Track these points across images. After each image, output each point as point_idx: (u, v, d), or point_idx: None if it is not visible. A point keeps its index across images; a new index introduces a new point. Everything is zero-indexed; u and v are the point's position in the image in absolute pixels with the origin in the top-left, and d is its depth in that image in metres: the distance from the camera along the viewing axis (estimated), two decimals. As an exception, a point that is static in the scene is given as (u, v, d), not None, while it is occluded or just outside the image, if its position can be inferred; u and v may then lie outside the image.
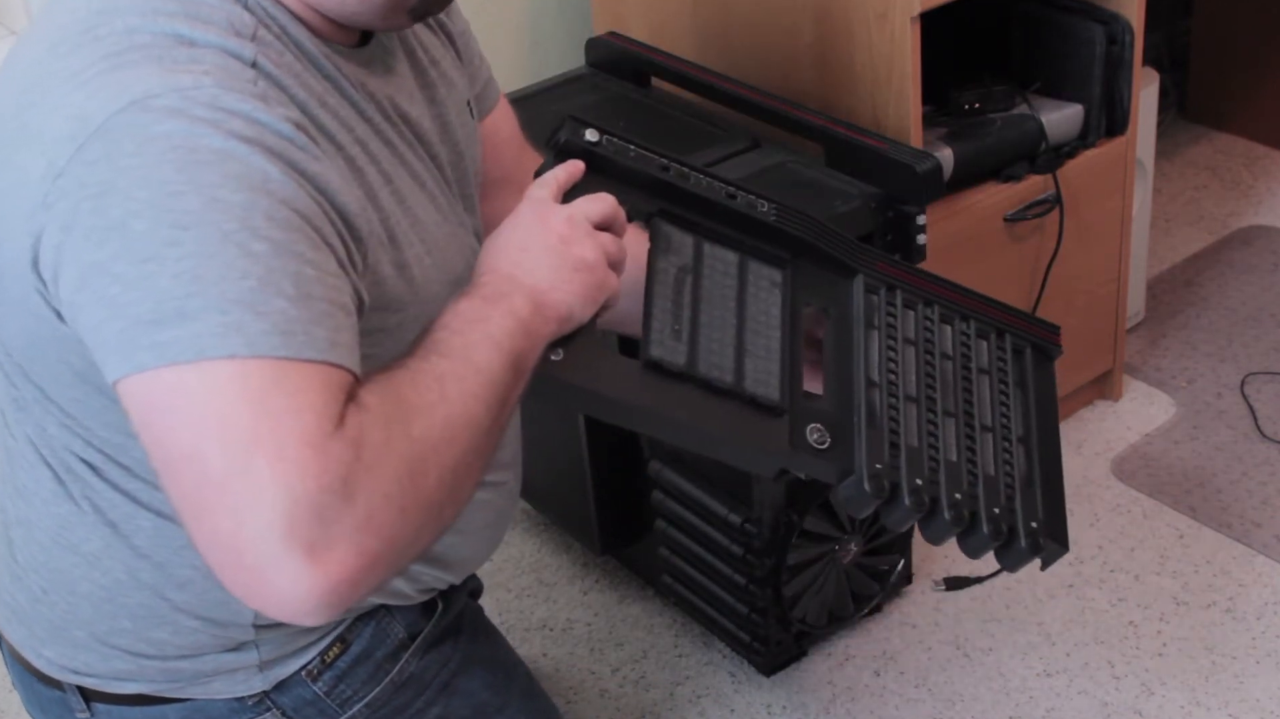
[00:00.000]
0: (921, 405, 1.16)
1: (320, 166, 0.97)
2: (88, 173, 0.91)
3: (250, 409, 0.85)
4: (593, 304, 1.04)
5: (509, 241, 1.05)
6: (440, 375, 0.94)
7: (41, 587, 1.17)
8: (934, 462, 1.14)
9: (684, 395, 1.06)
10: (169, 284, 0.87)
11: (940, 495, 1.12)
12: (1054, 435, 1.25)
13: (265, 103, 0.95)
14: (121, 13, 0.98)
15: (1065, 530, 1.21)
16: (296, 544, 0.83)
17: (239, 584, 0.86)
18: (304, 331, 0.88)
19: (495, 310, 0.99)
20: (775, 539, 1.81)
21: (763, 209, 1.17)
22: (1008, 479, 1.18)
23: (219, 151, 0.91)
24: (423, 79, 1.20)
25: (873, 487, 1.09)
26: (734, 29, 2.13)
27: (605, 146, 1.13)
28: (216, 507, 0.84)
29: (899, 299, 1.22)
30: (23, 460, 1.14)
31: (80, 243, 0.91)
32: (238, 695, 1.20)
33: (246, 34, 1.00)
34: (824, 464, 1.10)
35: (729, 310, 1.12)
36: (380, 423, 0.89)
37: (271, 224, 0.90)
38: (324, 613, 0.86)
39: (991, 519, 1.14)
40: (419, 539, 0.92)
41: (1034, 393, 1.26)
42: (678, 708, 1.94)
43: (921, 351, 1.20)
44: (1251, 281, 2.68)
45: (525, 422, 1.37)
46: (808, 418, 1.11)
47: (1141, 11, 2.09)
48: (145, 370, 0.87)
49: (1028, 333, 1.29)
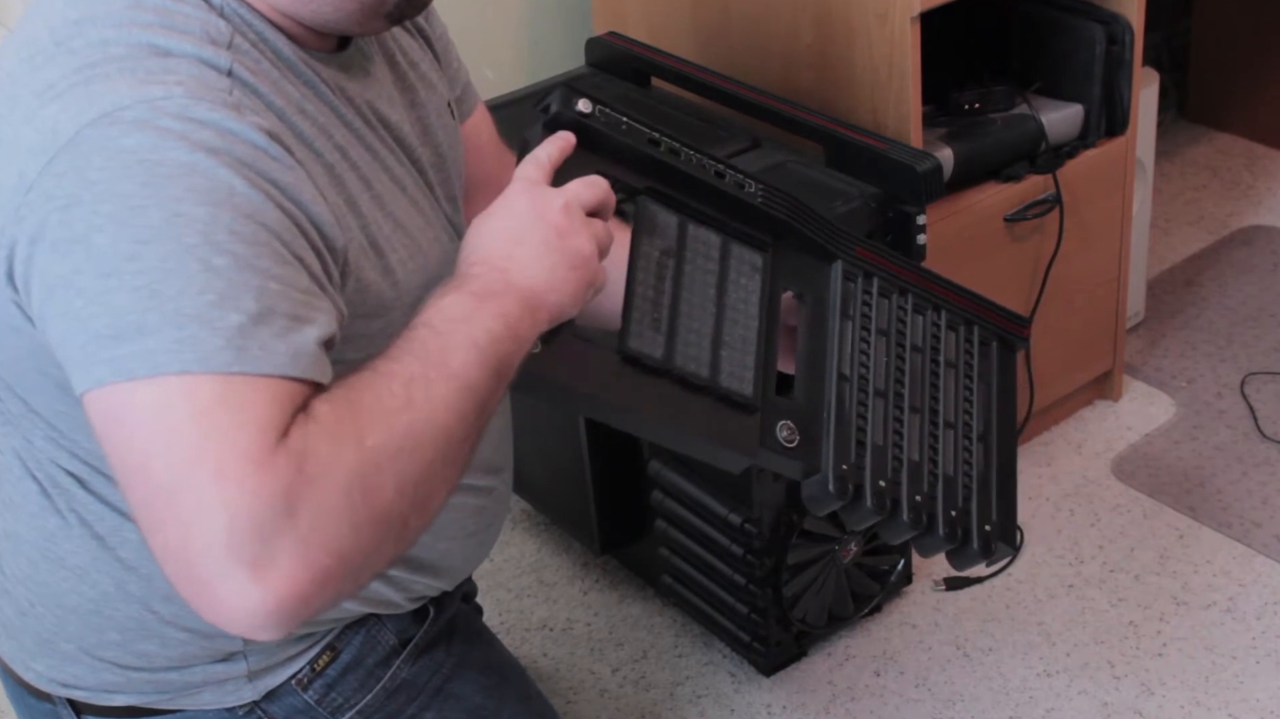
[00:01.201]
0: (889, 400, 1.18)
1: (293, 176, 0.96)
2: (55, 185, 0.91)
3: (195, 424, 0.84)
4: (583, 300, 1.02)
5: (503, 230, 1.01)
6: (409, 379, 0.91)
7: (29, 600, 1.17)
8: (897, 461, 1.15)
9: (659, 391, 1.06)
10: (127, 299, 0.87)
11: (901, 498, 1.14)
12: (1011, 432, 1.26)
13: (239, 111, 0.95)
14: (96, 24, 0.97)
15: (1014, 531, 1.24)
16: (239, 560, 0.82)
17: (191, 597, 0.85)
18: (261, 346, 0.87)
19: (483, 310, 0.96)
20: (775, 539, 1.81)
21: (749, 189, 1.16)
22: (965, 480, 1.20)
23: (184, 164, 0.90)
24: (402, 82, 1.19)
25: (836, 488, 1.10)
26: (734, 29, 2.13)
27: (598, 118, 1.09)
28: (166, 520, 0.84)
29: (875, 287, 1.22)
30: (9, 474, 1.14)
31: (47, 256, 0.91)
32: (227, 706, 1.19)
33: (222, 42, 0.99)
34: (791, 462, 1.11)
35: (708, 298, 1.12)
36: (329, 434, 0.86)
37: (235, 238, 0.89)
38: (277, 627, 0.85)
39: (948, 522, 1.17)
40: (380, 552, 0.89)
41: (995, 388, 1.27)
42: (678, 708, 1.94)
43: (893, 343, 1.21)
44: (1251, 281, 2.68)
45: (524, 421, 1.37)
46: (778, 414, 1.11)
47: (1141, 11, 2.09)
48: (104, 385, 0.86)
49: (996, 325, 1.30)
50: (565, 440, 1.97)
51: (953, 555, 1.20)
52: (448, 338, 0.94)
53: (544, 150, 1.06)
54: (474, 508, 1.27)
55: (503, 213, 1.02)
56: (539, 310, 0.99)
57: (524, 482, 2.00)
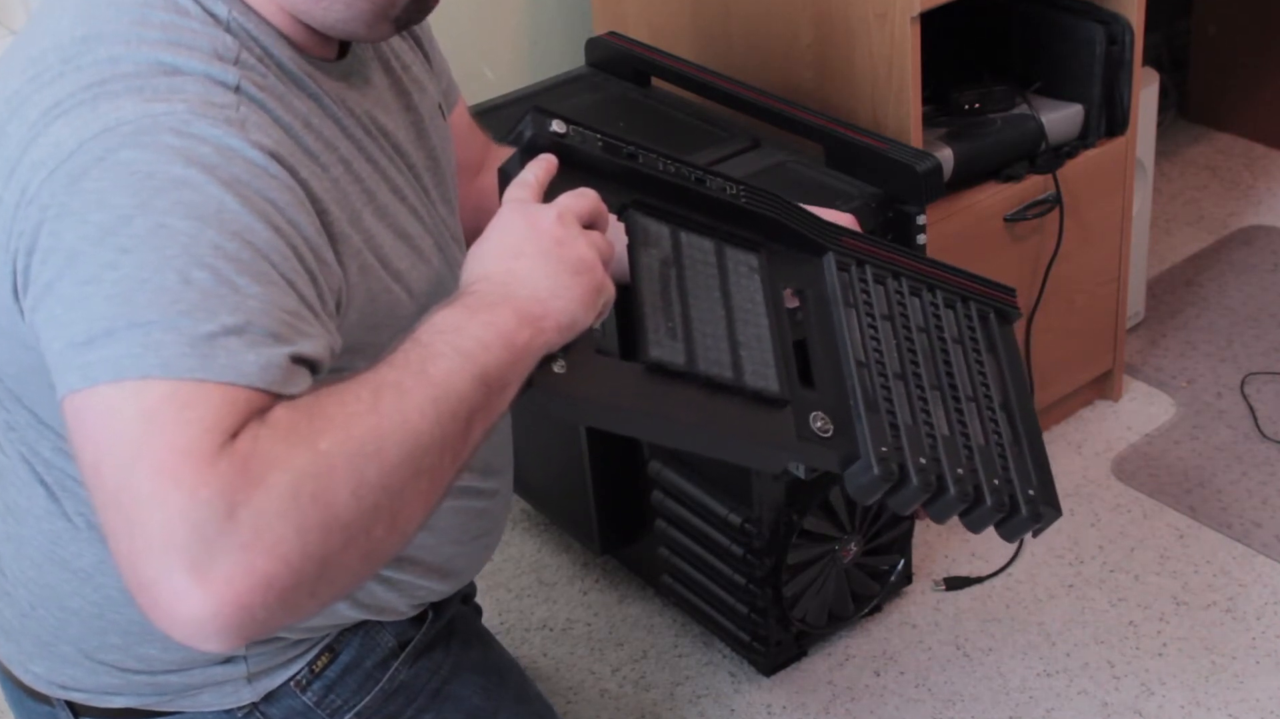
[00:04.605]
0: (908, 381, 1.17)
1: (292, 196, 0.95)
2: (51, 197, 0.91)
3: (139, 423, 0.83)
4: (593, 308, 0.99)
5: (500, 247, 0.99)
6: (379, 386, 0.88)
7: (30, 602, 1.17)
8: (931, 438, 1.14)
9: (689, 396, 1.05)
10: (102, 306, 0.87)
11: (945, 473, 1.12)
12: (1028, 399, 1.25)
13: (242, 128, 0.95)
14: (104, 41, 0.97)
15: (1055, 495, 1.22)
16: (177, 561, 0.80)
17: (140, 601, 0.83)
18: (229, 354, 0.86)
19: (473, 321, 0.93)
20: (775, 539, 1.81)
21: (731, 191, 1.16)
22: (999, 449, 1.19)
23: (176, 179, 0.90)
24: (398, 88, 1.19)
25: (881, 470, 1.08)
26: (734, 29, 2.13)
27: (573, 137, 1.08)
28: (115, 522, 0.83)
29: (869, 274, 1.22)
30: (14, 478, 1.14)
31: (39, 264, 0.92)
32: (226, 708, 1.20)
33: (229, 58, 0.99)
34: (829, 453, 1.09)
35: (716, 302, 1.11)
36: (280, 436, 0.84)
37: (218, 254, 0.89)
38: (221, 634, 0.82)
39: (994, 492, 1.15)
40: (340, 562, 0.85)
41: (1004, 357, 1.26)
42: (678, 708, 1.94)
43: (898, 326, 1.20)
44: (1251, 281, 2.68)
45: (524, 421, 1.37)
46: (809, 406, 1.10)
47: (1141, 11, 2.09)
48: (76, 391, 0.86)
49: (988, 298, 1.30)
50: (565, 440, 1.97)
51: (1002, 525, 1.17)
52: (430, 347, 0.91)
53: (529, 173, 1.05)
54: (478, 511, 1.27)
55: (498, 233, 1.00)
56: (543, 319, 0.96)
57: (524, 482, 1.99)
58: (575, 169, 1.08)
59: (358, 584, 0.89)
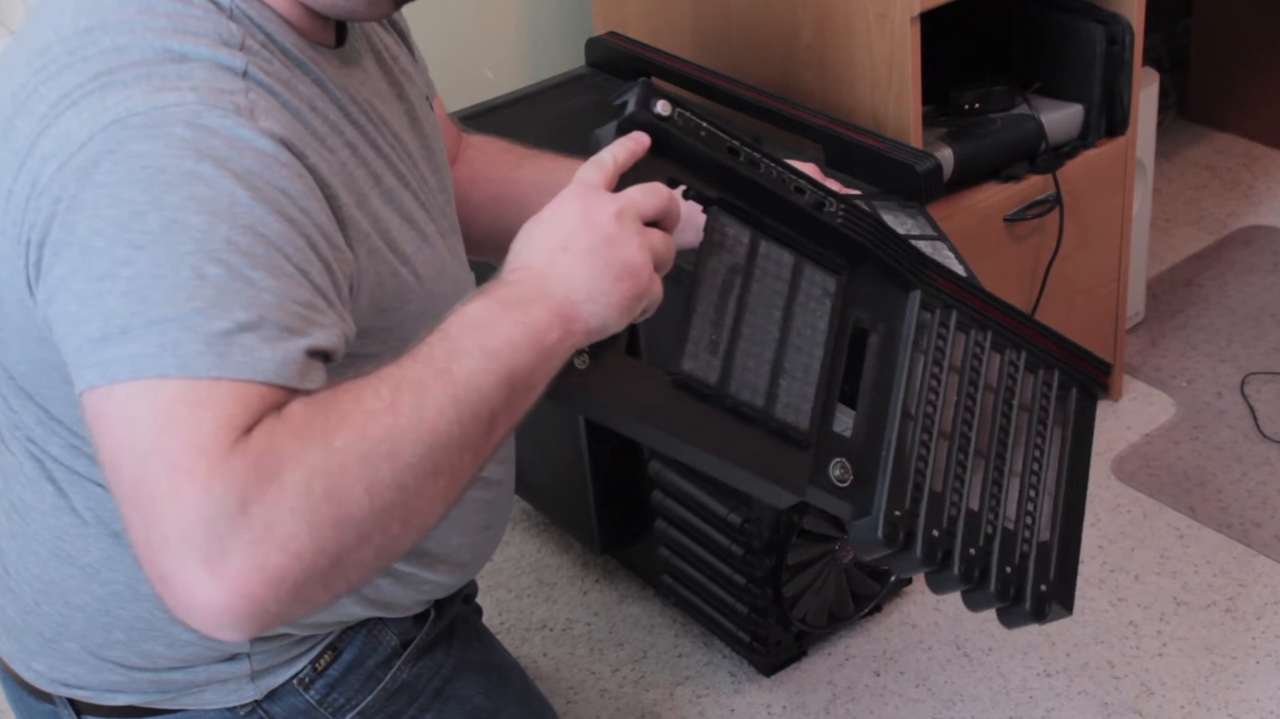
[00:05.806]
0: (954, 443, 1.11)
1: (303, 184, 0.95)
2: (62, 189, 0.92)
3: (155, 419, 0.84)
4: (629, 315, 0.96)
5: (549, 235, 0.96)
6: (400, 383, 0.87)
7: (34, 599, 1.17)
8: (954, 509, 1.09)
9: (707, 419, 1.00)
10: (118, 303, 0.87)
11: (954, 549, 1.08)
12: (1082, 488, 1.20)
13: (252, 116, 0.95)
14: (109, 31, 0.97)
15: (1072, 594, 1.17)
16: (191, 554, 0.81)
17: (159, 591, 0.84)
18: (245, 352, 0.86)
19: (504, 318, 0.91)
20: (775, 539, 1.81)
21: (830, 208, 1.09)
22: (1026, 535, 1.13)
23: (188, 174, 0.90)
24: (390, 78, 1.20)
25: (886, 534, 1.05)
26: (734, 29, 2.13)
27: (676, 122, 1.01)
28: (133, 516, 0.84)
29: (953, 320, 1.15)
30: (20, 475, 1.14)
31: (51, 258, 0.92)
32: (229, 705, 1.20)
33: (235, 44, 0.99)
34: (840, 503, 1.05)
35: (773, 321, 1.05)
36: (295, 433, 0.84)
37: (231, 249, 0.89)
38: (235, 625, 0.83)
39: (1001, 579, 1.11)
40: (353, 558, 0.85)
41: (1070, 438, 1.20)
42: (678, 708, 1.94)
43: (965, 381, 1.14)
44: (1251, 282, 2.68)
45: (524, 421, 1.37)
46: (833, 452, 1.05)
47: (1141, 11, 2.09)
48: (93, 388, 0.87)
49: (1078, 369, 1.23)
50: (565, 440, 1.97)
51: (1002, 613, 1.13)
52: (457, 343, 0.90)
53: (611, 153, 1.00)
54: (485, 501, 1.27)
55: (552, 217, 0.97)
56: (573, 322, 0.93)
57: (524, 482, 1.99)
58: (668, 154, 1.02)
59: (372, 577, 0.90)
